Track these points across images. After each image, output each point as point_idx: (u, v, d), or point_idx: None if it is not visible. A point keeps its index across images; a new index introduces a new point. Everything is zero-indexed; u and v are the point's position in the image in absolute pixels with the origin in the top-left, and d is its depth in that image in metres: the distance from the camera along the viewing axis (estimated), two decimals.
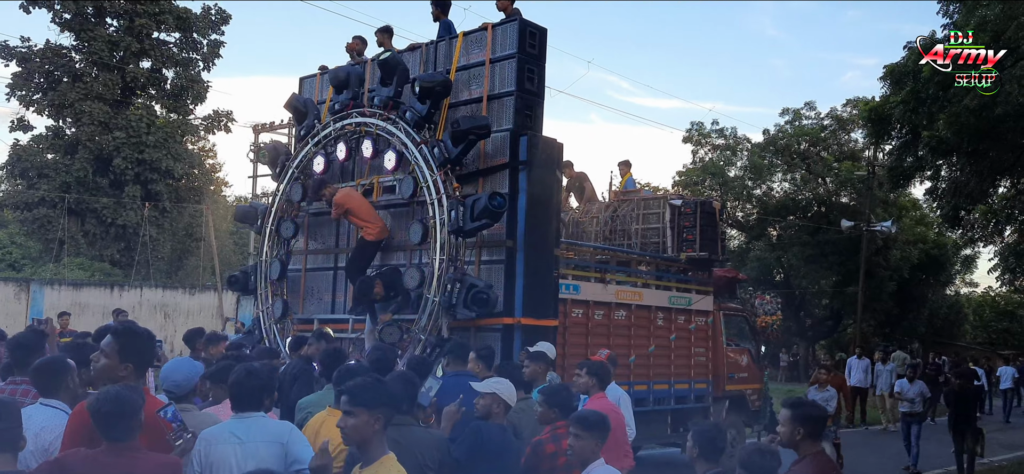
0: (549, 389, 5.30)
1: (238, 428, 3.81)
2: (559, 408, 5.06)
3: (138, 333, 3.92)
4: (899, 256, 32.81)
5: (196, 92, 30.68)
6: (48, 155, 28.94)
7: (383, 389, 3.48)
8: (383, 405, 3.44)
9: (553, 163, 8.69)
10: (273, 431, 3.88)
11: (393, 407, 3.53)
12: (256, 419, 3.87)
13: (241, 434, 3.77)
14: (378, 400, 3.43)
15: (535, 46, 8.71)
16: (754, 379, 12.45)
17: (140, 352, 3.79)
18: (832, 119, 35.11)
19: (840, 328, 38.13)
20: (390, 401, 3.49)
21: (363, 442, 3.42)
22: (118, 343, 3.73)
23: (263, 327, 9.92)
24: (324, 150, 9.79)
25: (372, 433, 3.40)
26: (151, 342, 3.98)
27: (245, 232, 36.90)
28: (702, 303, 11.50)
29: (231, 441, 3.75)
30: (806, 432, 4.20)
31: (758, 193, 35.79)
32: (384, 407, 3.45)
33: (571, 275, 9.60)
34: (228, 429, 3.82)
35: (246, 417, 3.84)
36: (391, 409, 3.51)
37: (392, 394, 3.52)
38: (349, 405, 3.41)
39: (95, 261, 27.55)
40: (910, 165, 15.12)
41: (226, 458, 3.70)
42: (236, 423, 3.84)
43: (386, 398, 3.47)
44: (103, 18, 29.21)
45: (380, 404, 3.43)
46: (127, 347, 3.73)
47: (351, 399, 3.42)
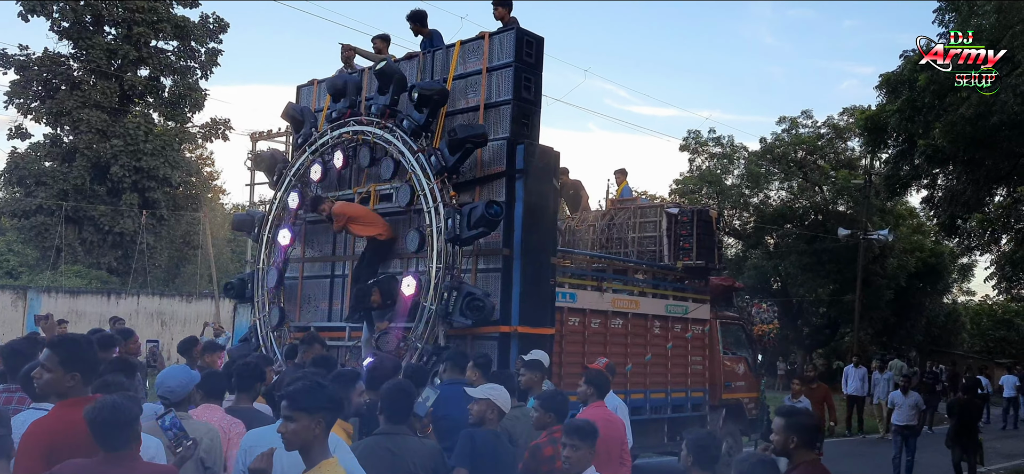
0: (546, 394, 5.36)
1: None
2: (555, 412, 5.15)
3: (78, 341, 3.83)
4: (896, 264, 32.84)
5: (194, 100, 30.73)
6: (46, 163, 28.96)
7: (324, 392, 3.38)
8: (324, 408, 3.35)
9: (550, 171, 8.70)
10: (272, 439, 3.86)
11: (334, 410, 3.43)
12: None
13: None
14: (318, 403, 3.34)
15: (532, 55, 8.73)
16: (751, 388, 12.45)
17: (85, 360, 3.69)
18: (829, 127, 35.19)
19: (837, 336, 38.11)
20: (331, 404, 3.39)
21: (305, 447, 3.33)
22: (58, 355, 3.62)
23: (260, 335, 9.91)
24: (321, 158, 9.80)
25: (313, 437, 3.31)
26: (93, 348, 3.87)
27: (242, 240, 36.90)
28: (699, 311, 11.50)
29: (277, 441, 3.77)
30: (800, 441, 4.20)
31: (755, 201, 35.83)
32: (325, 410, 3.36)
33: (568, 283, 9.61)
34: (274, 432, 3.85)
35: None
36: (332, 412, 3.41)
37: (333, 397, 3.42)
38: (289, 410, 3.32)
39: (92, 269, 27.55)
40: (907, 174, 15.18)
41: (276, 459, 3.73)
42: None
43: (327, 401, 3.37)
44: (101, 26, 29.27)
45: (321, 407, 3.34)
46: (70, 357, 3.62)
47: (291, 403, 3.33)
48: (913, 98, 12.48)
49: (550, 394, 5.37)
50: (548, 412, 5.14)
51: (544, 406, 5.17)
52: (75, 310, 19.56)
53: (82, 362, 3.66)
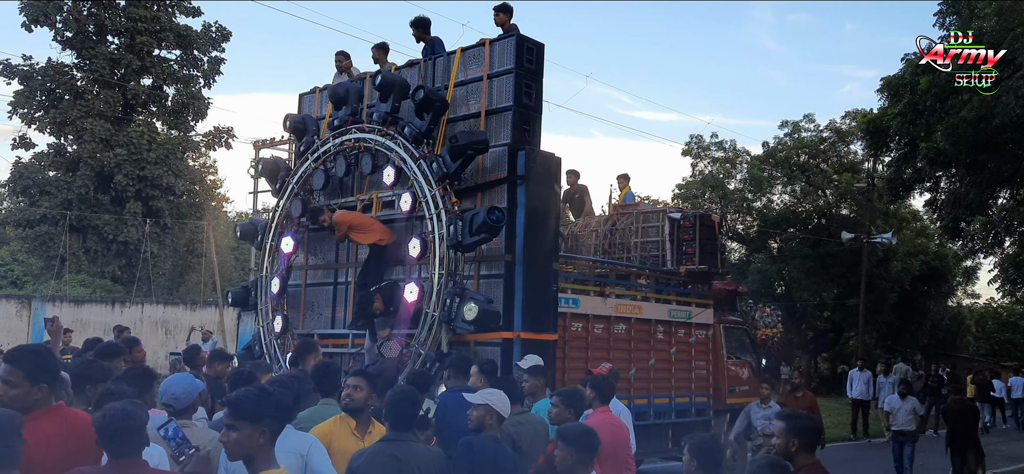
0: (564, 392, 5.37)
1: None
2: (574, 409, 5.20)
3: (39, 351, 3.72)
4: (900, 268, 32.76)
5: (197, 109, 30.80)
6: (50, 172, 29.04)
7: (268, 400, 3.32)
8: (268, 417, 3.28)
9: (551, 177, 8.72)
10: (294, 444, 3.89)
11: (280, 419, 3.37)
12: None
13: None
14: (262, 412, 3.27)
15: (532, 61, 8.76)
16: (755, 392, 12.41)
17: (50, 370, 3.61)
18: (831, 131, 35.16)
19: (842, 340, 38.04)
20: (276, 413, 3.33)
21: (249, 456, 3.27)
22: (23, 368, 3.50)
23: (263, 343, 9.93)
24: (323, 166, 9.83)
25: (257, 447, 3.25)
26: (54, 356, 3.78)
27: (246, 248, 36.94)
28: (702, 316, 11.50)
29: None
30: (801, 444, 4.20)
31: (758, 206, 35.79)
32: (269, 419, 3.29)
33: (570, 289, 9.61)
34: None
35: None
36: (277, 420, 3.35)
37: (278, 405, 3.35)
38: (232, 419, 3.25)
39: (96, 278, 27.61)
40: (909, 177, 15.18)
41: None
42: None
43: (271, 409, 3.30)
44: (104, 36, 29.37)
45: (265, 416, 3.27)
46: (35, 369, 3.52)
47: (233, 412, 3.26)
48: (914, 101, 12.49)
49: (570, 392, 5.38)
50: (568, 409, 5.17)
51: (564, 403, 5.19)
52: (80, 319, 19.60)
53: (47, 372, 3.58)
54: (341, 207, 9.86)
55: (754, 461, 3.68)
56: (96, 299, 22.94)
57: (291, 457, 3.81)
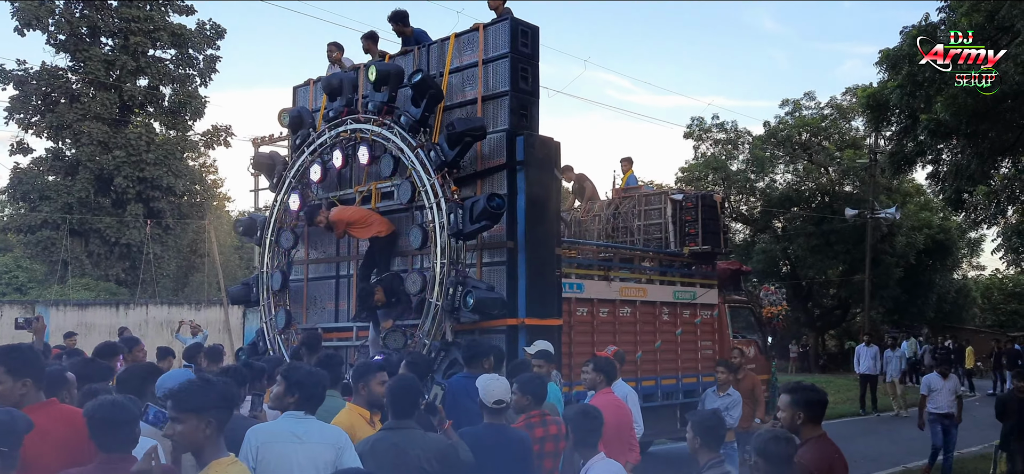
0: (523, 378, 5.27)
1: (297, 427, 3.88)
2: (532, 396, 5.12)
3: (17, 348, 3.71)
4: (904, 242, 32.68)
5: (194, 108, 30.68)
6: (49, 177, 28.97)
7: (212, 391, 3.29)
8: (213, 407, 3.25)
9: (551, 162, 8.64)
10: (331, 435, 3.97)
11: (225, 408, 3.33)
12: (313, 421, 3.97)
13: (301, 433, 3.85)
14: (207, 403, 3.24)
15: (528, 45, 8.67)
16: (762, 370, 12.39)
17: (32, 365, 3.59)
18: (832, 108, 35.03)
19: (848, 317, 38.00)
20: (221, 402, 3.29)
21: (196, 447, 3.23)
22: (4, 365, 3.51)
23: (267, 338, 9.90)
24: (320, 158, 9.77)
25: (205, 438, 3.21)
26: (37, 352, 3.78)
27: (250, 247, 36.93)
28: (707, 296, 11.46)
29: (291, 440, 3.83)
30: (807, 416, 4.17)
31: (761, 186, 35.67)
32: (215, 410, 3.25)
33: (575, 274, 9.58)
34: (287, 428, 3.89)
35: (304, 418, 3.96)
36: (223, 410, 3.30)
37: (223, 395, 3.32)
38: (176, 411, 3.21)
39: (100, 281, 27.59)
40: (911, 150, 15.05)
41: (286, 456, 3.76)
42: (294, 422, 3.91)
43: (216, 400, 3.27)
44: (98, 37, 29.25)
45: (210, 406, 3.23)
46: (17, 365, 3.51)
47: (177, 404, 3.21)
48: (913, 73, 12.40)
49: (529, 378, 5.31)
50: (525, 395, 5.09)
51: (522, 390, 5.11)
52: (85, 322, 19.59)
53: (30, 367, 3.56)
54: (339, 199, 9.81)
55: (760, 434, 3.64)
56: (100, 302, 22.92)
57: (329, 449, 3.88)
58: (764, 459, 3.48)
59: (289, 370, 4.18)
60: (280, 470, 3.74)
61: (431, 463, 4.11)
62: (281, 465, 3.74)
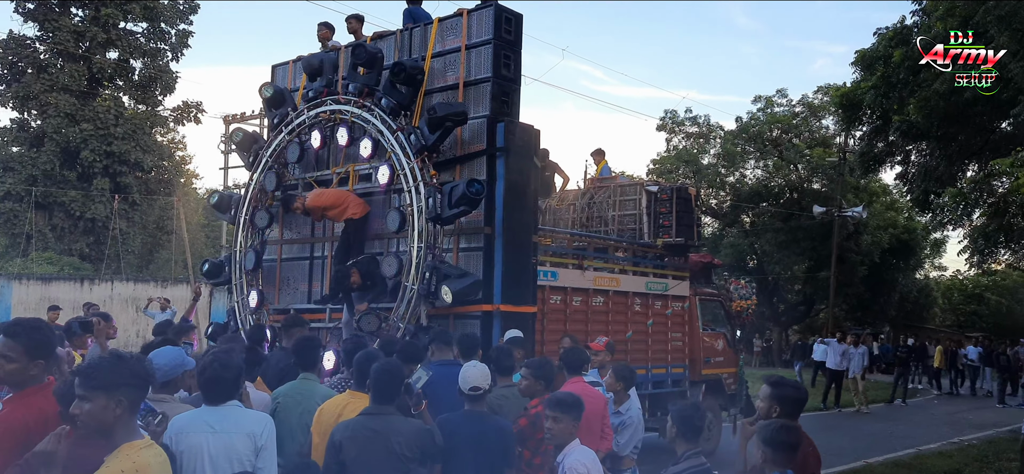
0: (534, 362, 5.35)
1: (213, 417, 3.74)
2: (545, 381, 5.20)
3: (39, 327, 3.63)
4: (870, 241, 33.28)
5: (165, 83, 30.19)
6: (13, 148, 28.36)
7: (123, 368, 3.09)
8: (125, 385, 3.05)
9: (530, 149, 8.64)
10: (249, 425, 3.82)
11: (137, 387, 3.14)
12: (234, 409, 3.81)
13: (215, 423, 3.70)
14: (118, 381, 3.04)
15: (511, 32, 8.65)
16: (730, 363, 12.55)
17: (48, 345, 3.53)
18: (804, 106, 35.49)
19: (813, 313, 38.62)
20: (132, 381, 3.09)
21: (105, 428, 3.01)
22: (22, 343, 3.42)
23: (238, 318, 9.80)
24: (298, 138, 9.67)
25: (114, 418, 3.00)
26: (51, 333, 3.69)
27: (217, 225, 36.46)
28: (678, 288, 11.55)
29: (204, 429, 3.69)
30: (783, 411, 4.23)
31: (731, 180, 36.09)
32: (126, 388, 3.05)
33: (549, 262, 9.59)
34: (202, 418, 3.75)
35: (219, 407, 3.79)
36: (135, 389, 3.12)
37: (135, 373, 3.14)
38: (83, 389, 3.00)
39: (64, 255, 27.08)
40: (881, 150, 15.33)
41: (198, 446, 3.63)
42: (210, 412, 3.77)
43: (128, 377, 3.07)
44: (68, 7, 28.61)
45: (121, 385, 3.04)
46: (33, 345, 3.43)
47: (85, 382, 3.01)
48: (888, 74, 12.59)
49: (540, 362, 5.37)
50: (539, 380, 5.17)
51: (535, 374, 5.18)
52: (48, 297, 19.21)
53: (45, 348, 3.50)
54: (317, 180, 9.73)
55: (766, 425, 3.69)
56: (65, 277, 22.52)
57: (242, 439, 3.74)
58: (772, 447, 3.51)
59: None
60: (192, 461, 3.63)
61: (411, 449, 4.11)
62: (193, 455, 3.64)
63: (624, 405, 6.13)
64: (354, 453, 4.02)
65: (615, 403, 6.12)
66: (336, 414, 4.51)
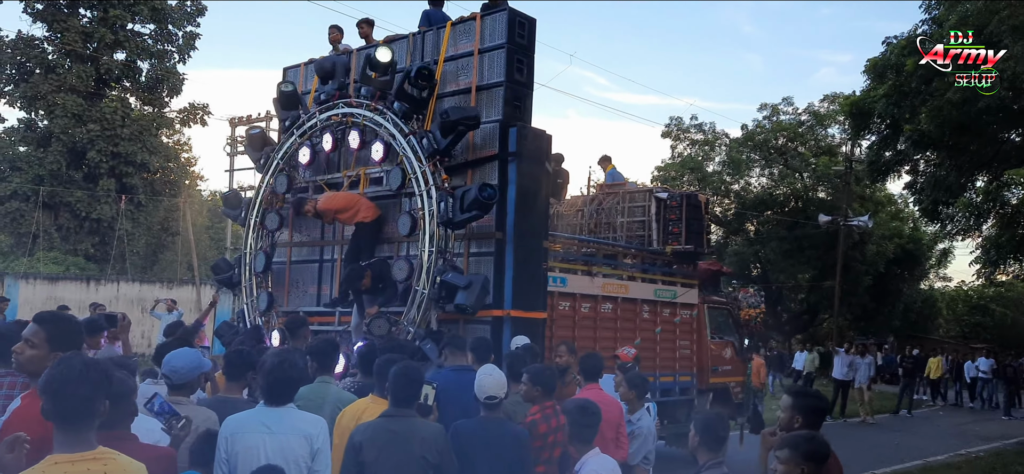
0: (534, 369, 5.31)
1: (268, 417, 3.77)
2: (543, 387, 5.15)
3: (64, 318, 3.66)
4: (875, 251, 33.15)
5: (171, 84, 30.23)
6: (20, 148, 28.40)
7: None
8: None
9: (542, 155, 8.62)
10: (304, 426, 3.86)
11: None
12: (289, 410, 3.84)
13: (271, 423, 3.74)
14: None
15: (524, 36, 8.63)
16: (737, 372, 12.51)
17: (73, 341, 3.50)
18: (809, 114, 35.39)
19: (816, 322, 38.49)
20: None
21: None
22: (46, 332, 3.44)
23: (248, 320, 9.78)
24: (309, 141, 9.66)
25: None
26: (78, 327, 3.69)
27: (221, 227, 36.48)
28: (687, 296, 11.52)
29: (260, 429, 3.72)
30: (805, 422, 4.19)
31: (736, 188, 35.99)
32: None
33: (558, 268, 9.57)
34: (257, 418, 3.78)
35: (276, 409, 3.83)
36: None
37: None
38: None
39: (69, 255, 27.10)
40: (889, 159, 15.28)
41: (255, 447, 3.65)
42: (266, 412, 3.80)
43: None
44: (76, 8, 28.68)
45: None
46: (58, 336, 3.43)
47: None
48: (900, 83, 12.56)
49: (540, 369, 5.32)
50: (536, 386, 5.12)
51: (533, 381, 5.14)
52: (54, 297, 19.21)
53: (68, 340, 3.47)
54: (327, 183, 9.72)
55: (796, 436, 3.65)
56: (71, 277, 22.53)
57: (298, 440, 3.77)
58: (803, 456, 3.46)
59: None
60: (248, 462, 3.65)
61: (431, 453, 4.08)
62: (249, 456, 3.65)
63: (636, 414, 6.09)
64: (374, 455, 3.99)
65: (628, 412, 6.08)
66: (356, 417, 4.49)
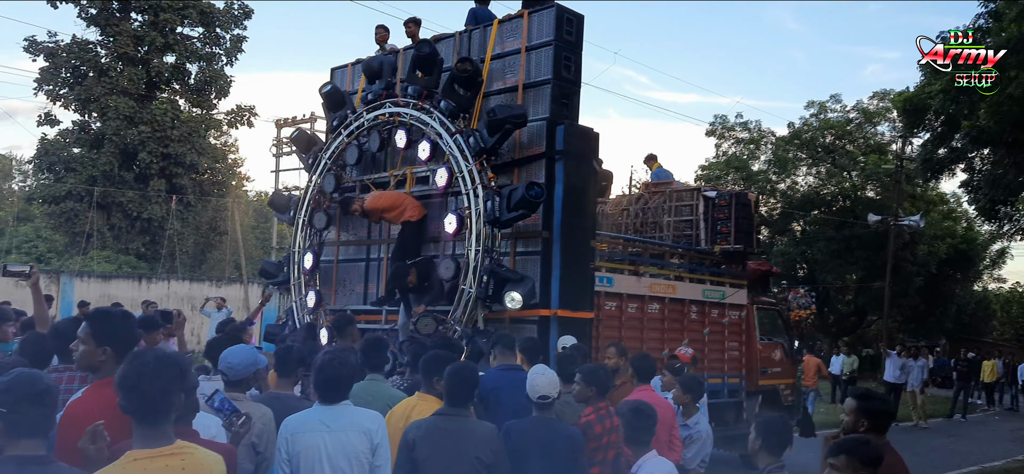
0: (588, 369, 5.25)
1: (327, 415, 3.77)
2: (597, 387, 5.10)
3: (112, 315, 3.68)
4: (926, 251, 32.36)
5: (219, 87, 30.78)
6: (74, 149, 29.15)
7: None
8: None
9: (590, 153, 8.54)
10: (364, 423, 3.86)
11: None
12: (347, 408, 3.84)
13: (330, 421, 3.74)
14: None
15: (572, 33, 8.56)
16: (787, 374, 12.27)
17: (116, 334, 3.51)
18: (858, 112, 34.66)
19: (864, 324, 37.72)
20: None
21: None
22: (91, 327, 3.51)
23: (296, 319, 9.87)
24: (357, 140, 9.72)
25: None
26: (128, 323, 3.68)
27: (266, 227, 37.06)
28: (736, 296, 11.33)
29: (320, 428, 3.72)
30: (870, 425, 4.07)
31: (782, 187, 35.41)
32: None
33: (604, 267, 9.48)
34: (317, 417, 3.79)
35: (333, 406, 3.83)
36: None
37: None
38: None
39: (121, 254, 27.75)
40: (944, 157, 14.88)
41: (315, 446, 3.65)
42: (325, 410, 3.80)
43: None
44: (128, 13, 29.36)
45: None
46: (101, 332, 3.47)
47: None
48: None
49: (593, 369, 5.25)
50: (590, 386, 5.06)
51: (587, 381, 5.09)
52: (107, 294, 19.68)
53: (113, 336, 3.49)
54: (374, 182, 9.76)
55: (846, 441, 3.54)
56: (123, 275, 23.06)
57: (358, 437, 3.79)
58: (860, 462, 3.35)
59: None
60: (310, 460, 3.67)
61: (485, 453, 4.05)
62: (310, 455, 3.67)
63: (693, 418, 5.97)
64: (427, 452, 3.97)
65: (683, 416, 5.98)
66: (405, 415, 4.48)
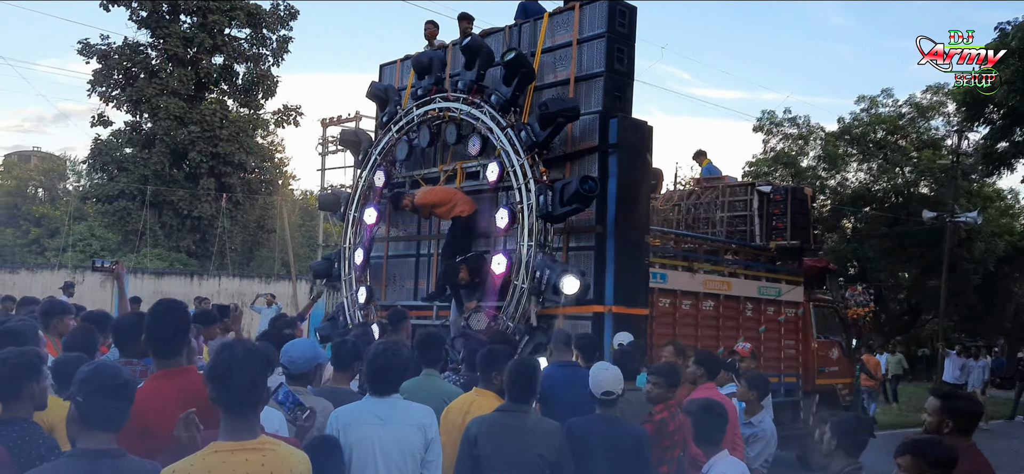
0: (659, 367, 5.15)
1: (379, 408, 3.67)
2: (668, 385, 5.04)
3: (174, 307, 3.58)
4: (983, 249, 31.34)
5: (266, 87, 31.17)
6: (127, 149, 29.79)
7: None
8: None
9: (644, 146, 8.39)
10: (416, 416, 3.78)
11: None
12: (398, 401, 3.77)
13: (383, 414, 3.65)
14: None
15: (625, 25, 8.42)
16: (845, 373, 11.97)
17: (165, 331, 3.46)
18: (911, 106, 33.71)
19: (918, 323, 36.75)
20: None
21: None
22: (148, 321, 3.55)
23: (347, 314, 9.88)
24: (406, 136, 9.69)
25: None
26: (178, 317, 3.57)
27: (313, 225, 37.39)
28: (792, 294, 11.06)
29: (373, 421, 3.65)
30: (956, 426, 3.87)
31: (832, 183, 34.61)
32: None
33: (658, 263, 9.31)
34: (369, 409, 3.71)
35: (385, 399, 3.75)
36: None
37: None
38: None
39: (172, 252, 28.27)
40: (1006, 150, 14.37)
41: (368, 439, 3.57)
42: (377, 403, 3.71)
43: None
44: (177, 15, 29.87)
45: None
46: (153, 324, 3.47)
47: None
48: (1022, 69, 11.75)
49: (665, 367, 5.14)
50: (663, 384, 4.97)
51: (657, 378, 4.99)
52: (160, 291, 20.02)
53: (161, 336, 3.47)
54: (424, 178, 9.72)
55: (915, 440, 3.37)
56: (175, 272, 23.46)
57: (412, 431, 3.70)
58: (929, 464, 3.19)
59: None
60: (363, 454, 3.61)
61: (549, 450, 3.95)
62: (363, 448, 3.61)
63: (757, 416, 5.80)
64: (490, 448, 3.89)
65: (747, 414, 5.81)
66: (463, 410, 4.40)
